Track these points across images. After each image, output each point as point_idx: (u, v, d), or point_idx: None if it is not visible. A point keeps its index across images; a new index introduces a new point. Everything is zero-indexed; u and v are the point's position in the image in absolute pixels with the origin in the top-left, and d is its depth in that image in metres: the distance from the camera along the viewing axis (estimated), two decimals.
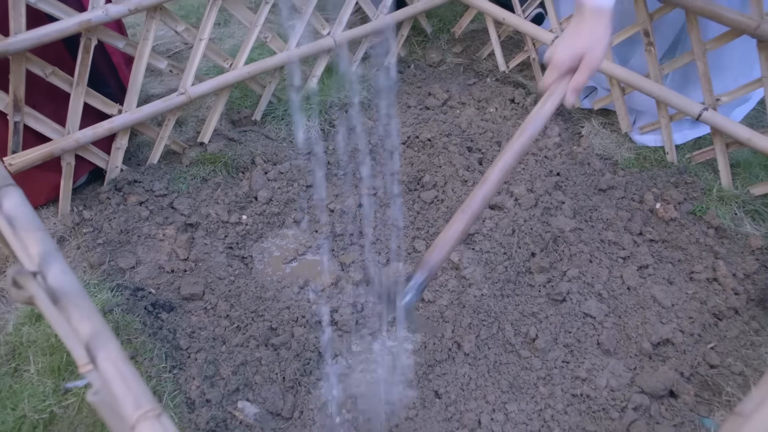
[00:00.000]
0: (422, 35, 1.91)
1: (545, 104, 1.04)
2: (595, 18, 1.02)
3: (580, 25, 1.02)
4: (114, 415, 0.57)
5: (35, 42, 1.08)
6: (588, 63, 1.01)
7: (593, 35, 1.01)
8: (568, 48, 1.02)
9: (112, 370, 0.61)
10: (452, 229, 0.98)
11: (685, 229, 1.37)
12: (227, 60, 1.44)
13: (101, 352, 0.62)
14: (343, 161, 1.52)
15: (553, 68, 1.04)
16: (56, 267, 0.69)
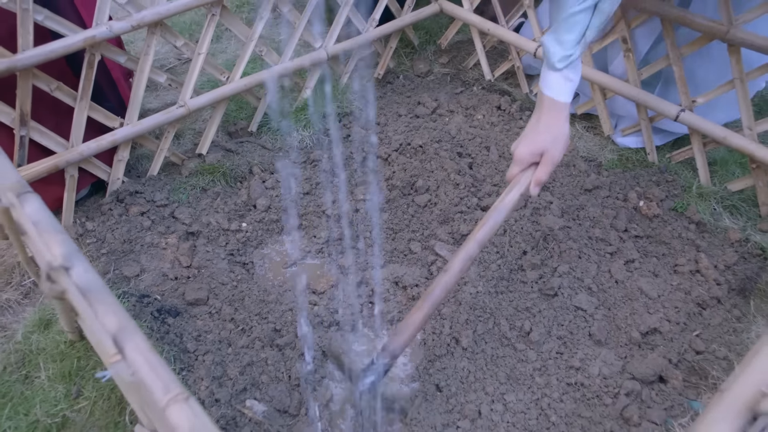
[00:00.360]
0: (410, 47, 1.98)
1: (508, 195, 1.08)
2: (553, 113, 1.06)
3: (540, 120, 1.07)
4: (141, 399, 0.60)
5: (42, 58, 1.12)
6: (549, 159, 1.06)
7: (552, 131, 1.06)
8: (530, 145, 1.07)
9: (140, 359, 0.65)
10: (414, 317, 1.01)
11: (667, 224, 1.43)
12: (224, 73, 1.48)
13: (128, 343, 0.66)
14: (338, 168, 1.57)
15: (515, 163, 1.08)
16: (79, 266, 0.73)
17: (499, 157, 1.62)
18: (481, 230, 1.06)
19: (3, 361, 1.14)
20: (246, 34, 1.46)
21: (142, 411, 0.72)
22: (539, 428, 1.08)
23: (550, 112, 1.06)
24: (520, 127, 1.71)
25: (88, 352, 1.13)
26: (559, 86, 1.05)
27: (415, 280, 1.32)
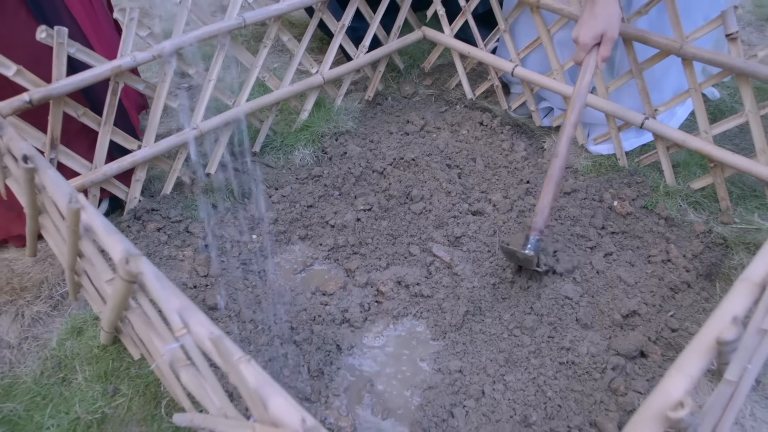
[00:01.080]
0: (396, 71, 2.13)
1: (584, 78, 1.35)
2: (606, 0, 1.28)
3: (594, 7, 1.29)
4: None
5: (74, 87, 1.23)
6: (609, 38, 1.30)
7: (608, 14, 1.29)
8: (591, 29, 1.30)
9: (204, 331, 0.76)
10: (544, 199, 1.32)
11: (639, 221, 1.58)
12: (231, 98, 1.61)
13: (192, 319, 0.77)
14: (338, 182, 1.69)
15: (581, 48, 1.33)
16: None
17: (485, 167, 1.76)
18: (572, 114, 1.35)
19: (40, 366, 1.22)
20: (250, 62, 1.59)
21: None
22: (537, 403, 1.20)
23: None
24: (502, 140, 1.86)
25: (120, 354, 1.23)
26: None
27: (415, 279, 1.44)
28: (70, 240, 0.91)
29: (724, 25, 1.39)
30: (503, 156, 1.81)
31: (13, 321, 1.31)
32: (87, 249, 0.92)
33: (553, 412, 1.19)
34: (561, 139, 1.34)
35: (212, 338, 0.65)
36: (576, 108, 1.35)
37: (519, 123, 1.94)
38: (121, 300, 0.86)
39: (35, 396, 1.16)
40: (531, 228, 1.34)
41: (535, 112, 1.90)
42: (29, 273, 1.42)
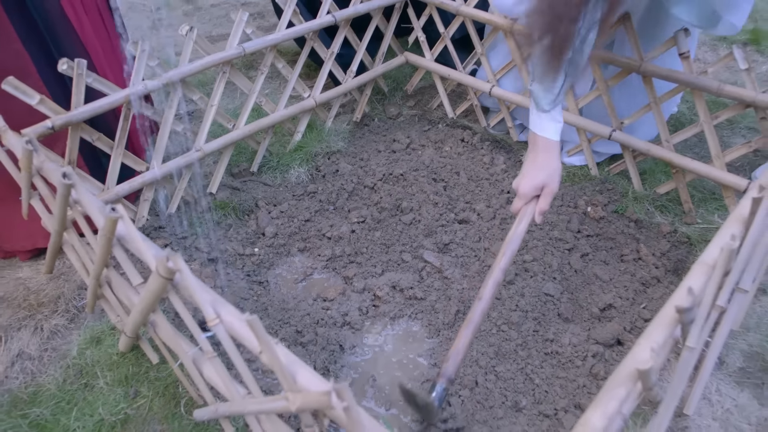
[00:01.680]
0: (381, 94, 2.27)
1: (519, 226, 1.27)
2: (548, 151, 1.27)
3: (536, 159, 1.27)
4: None
5: (91, 113, 1.34)
6: (549, 191, 1.26)
7: (549, 167, 1.26)
8: (531, 181, 1.26)
9: (234, 320, 0.86)
10: (460, 343, 1.16)
11: (612, 224, 1.72)
12: (231, 121, 1.72)
13: (223, 310, 0.87)
14: (333, 197, 1.81)
15: (520, 197, 1.28)
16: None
17: (468, 180, 1.90)
18: (503, 259, 1.24)
19: (62, 374, 1.30)
20: (249, 88, 1.71)
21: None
22: (526, 390, 1.32)
23: (546, 151, 1.27)
24: (483, 155, 2.00)
25: (138, 360, 1.31)
26: (550, 127, 1.27)
27: (409, 283, 1.55)
28: (103, 248, 1.01)
29: (677, 46, 1.56)
30: (484, 169, 1.95)
31: (32, 334, 1.39)
32: (119, 256, 1.01)
33: (541, 397, 1.30)
34: (487, 283, 1.22)
35: (249, 320, 0.75)
36: (507, 254, 1.24)
37: (497, 139, 2.08)
38: (154, 299, 0.96)
39: (60, 401, 1.24)
40: (439, 374, 1.16)
41: (512, 128, 2.05)
42: (44, 290, 1.50)
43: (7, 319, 1.42)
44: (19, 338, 1.38)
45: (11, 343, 1.38)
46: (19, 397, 1.26)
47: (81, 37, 1.39)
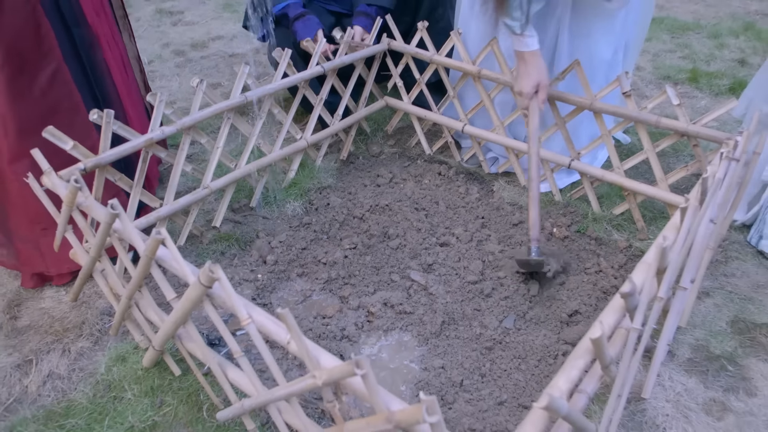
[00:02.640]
0: (364, 134, 2.50)
1: (533, 118, 1.78)
2: (534, 57, 1.71)
3: (527, 65, 1.71)
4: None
5: (116, 156, 1.52)
6: (544, 85, 1.74)
7: (539, 69, 1.72)
8: (529, 80, 1.73)
9: (265, 320, 1.04)
10: (532, 213, 1.72)
11: (575, 242, 1.95)
12: (232, 161, 1.92)
13: (254, 312, 1.05)
14: (326, 228, 2.00)
15: (524, 96, 1.76)
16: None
17: (446, 208, 2.11)
18: (533, 146, 1.76)
19: (92, 389, 1.44)
20: (249, 131, 1.92)
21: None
22: (506, 385, 1.50)
23: (532, 57, 1.69)
24: (458, 186, 2.22)
25: (162, 374, 1.46)
26: (528, 42, 1.68)
27: (399, 300, 1.74)
28: (144, 267, 1.18)
29: (621, 86, 1.82)
30: (461, 198, 2.17)
31: (61, 356, 1.53)
32: (155, 274, 1.19)
33: (519, 392, 1.48)
34: (531, 167, 1.75)
35: (281, 313, 0.93)
36: (534, 142, 1.77)
37: (471, 171, 2.31)
38: (191, 307, 1.13)
39: (92, 413, 1.38)
40: (530, 239, 1.71)
41: (484, 161, 2.28)
42: (68, 317, 1.64)
43: (36, 344, 1.56)
44: (49, 360, 1.52)
45: (41, 365, 1.51)
46: (54, 410, 1.40)
47: (116, 84, 1.60)
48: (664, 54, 3.35)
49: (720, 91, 2.91)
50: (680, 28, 3.70)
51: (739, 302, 1.70)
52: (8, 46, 1.43)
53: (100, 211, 1.26)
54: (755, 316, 1.66)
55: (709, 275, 1.80)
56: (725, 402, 1.43)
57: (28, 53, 1.46)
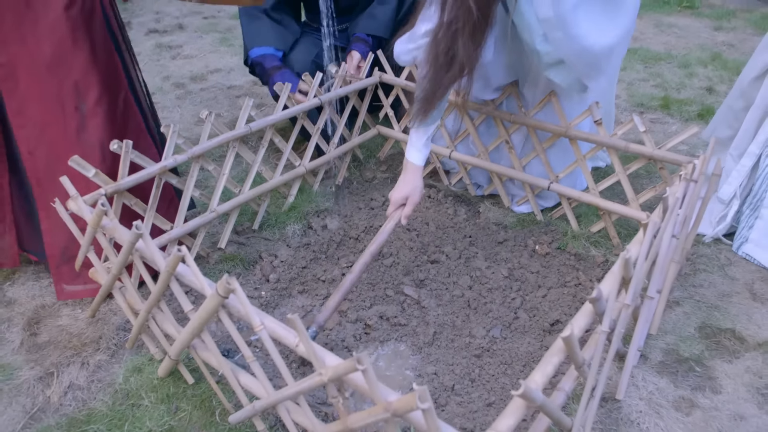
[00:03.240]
0: (358, 161, 2.66)
1: (388, 224, 1.84)
2: (413, 173, 1.86)
3: (405, 178, 1.87)
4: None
5: (134, 182, 1.66)
6: (412, 201, 1.85)
7: (412, 184, 1.85)
8: (399, 192, 1.86)
9: (275, 326, 1.18)
10: (331, 302, 1.69)
11: (556, 258, 2.10)
12: (237, 187, 2.07)
13: (266, 319, 1.18)
14: (324, 248, 2.14)
15: (392, 204, 1.87)
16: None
17: (436, 228, 2.26)
18: (373, 245, 1.79)
19: (111, 398, 1.55)
20: (252, 159, 2.07)
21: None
22: (494, 389, 1.63)
23: (412, 172, 1.87)
24: (447, 208, 2.38)
25: (176, 382, 1.58)
26: (417, 156, 1.88)
27: (393, 313, 1.87)
28: (164, 282, 1.31)
29: (592, 115, 2.00)
30: (449, 219, 2.32)
31: (80, 369, 1.65)
32: (174, 288, 1.32)
33: (507, 395, 1.62)
34: (359, 261, 1.74)
35: (290, 317, 1.07)
36: (376, 243, 1.79)
37: (458, 194, 2.47)
38: (207, 317, 1.26)
39: (112, 419, 1.49)
40: (313, 321, 1.67)
41: (470, 185, 2.44)
42: (85, 333, 1.76)
43: (56, 358, 1.68)
44: (69, 373, 1.64)
45: (62, 377, 1.63)
46: (75, 418, 1.51)
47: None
48: (638, 83, 3.57)
49: (690, 117, 3.11)
50: (653, 58, 3.93)
51: (706, 310, 1.86)
52: (102, 81, 1.67)
53: (124, 232, 1.39)
54: (720, 322, 1.81)
55: (679, 286, 1.95)
56: (693, 399, 1.57)
57: (112, 85, 1.71)
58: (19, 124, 1.65)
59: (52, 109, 1.64)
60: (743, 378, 1.63)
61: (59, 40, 1.58)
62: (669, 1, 5.12)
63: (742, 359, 1.68)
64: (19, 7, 1.52)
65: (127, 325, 1.77)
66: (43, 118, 1.64)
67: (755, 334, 1.77)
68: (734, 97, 2.22)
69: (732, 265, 2.06)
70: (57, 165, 1.68)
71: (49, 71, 1.60)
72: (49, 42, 1.57)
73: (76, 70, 1.63)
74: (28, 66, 1.59)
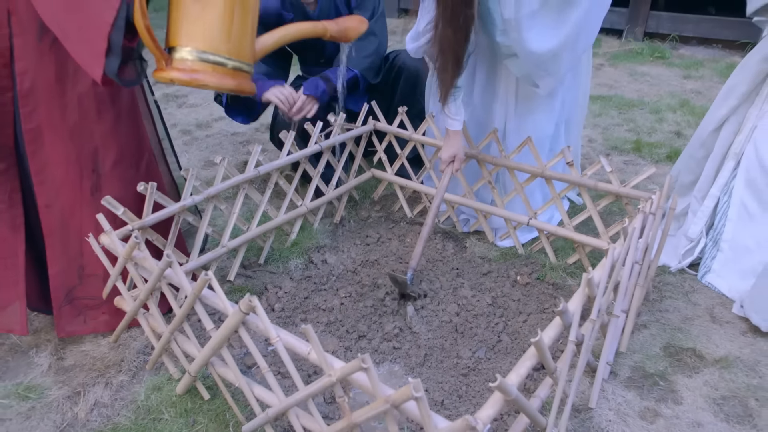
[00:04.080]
0: (354, 201, 2.89)
1: (444, 179, 2.28)
2: (455, 135, 2.22)
3: (449, 140, 2.24)
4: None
5: (156, 220, 1.87)
6: (459, 158, 2.26)
7: (456, 145, 2.24)
8: (447, 151, 2.25)
9: (290, 338, 1.37)
10: (416, 251, 2.19)
11: (535, 288, 2.31)
12: (245, 224, 2.28)
13: (281, 332, 1.38)
14: (324, 280, 2.34)
15: (442, 162, 2.27)
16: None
17: (426, 262, 2.47)
18: (437, 199, 2.26)
19: (134, 414, 1.72)
20: (259, 200, 2.29)
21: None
22: (482, 403, 1.81)
23: (454, 135, 2.23)
24: (436, 243, 2.59)
25: (193, 399, 1.75)
26: (454, 123, 2.22)
27: (388, 338, 2.06)
28: (189, 304, 1.50)
29: (564, 157, 2.24)
30: (438, 254, 2.53)
31: (104, 389, 1.81)
32: (198, 309, 1.51)
33: None
34: (429, 214, 2.22)
35: (304, 328, 1.26)
36: (439, 195, 2.26)
37: (446, 231, 2.69)
38: (228, 333, 1.45)
39: (136, 431, 1.66)
40: (409, 267, 2.17)
41: (457, 222, 2.67)
42: (108, 357, 1.93)
43: (82, 379, 1.84)
44: (94, 392, 1.80)
45: (88, 396, 1.79)
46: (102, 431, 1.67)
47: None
48: (613, 127, 3.85)
49: (659, 158, 3.38)
50: (627, 105, 4.23)
51: (670, 332, 2.06)
52: (122, 147, 1.86)
53: (153, 262, 1.59)
54: (682, 342, 2.01)
55: (646, 311, 2.16)
56: (657, 409, 1.75)
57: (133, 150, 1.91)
58: (39, 180, 1.76)
59: (71, 170, 1.77)
60: (701, 390, 1.82)
61: (85, 111, 1.75)
62: (642, 52, 5.49)
63: (701, 374, 1.88)
64: (50, 81, 1.68)
65: (146, 349, 1.95)
66: (62, 177, 1.78)
67: (713, 351, 1.97)
68: (695, 147, 2.48)
69: (695, 292, 2.28)
70: (70, 219, 1.82)
71: (71, 137, 1.74)
72: (75, 112, 1.73)
73: (98, 137, 1.79)
74: (53, 131, 1.73)
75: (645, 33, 5.83)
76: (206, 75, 1.47)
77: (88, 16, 1.45)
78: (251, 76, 1.61)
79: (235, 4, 1.44)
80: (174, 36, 1.50)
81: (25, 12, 1.56)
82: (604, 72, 5.09)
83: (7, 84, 1.63)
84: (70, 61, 1.62)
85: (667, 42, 5.69)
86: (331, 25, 2.01)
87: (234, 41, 1.47)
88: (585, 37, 2.16)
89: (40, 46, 1.60)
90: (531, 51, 2.05)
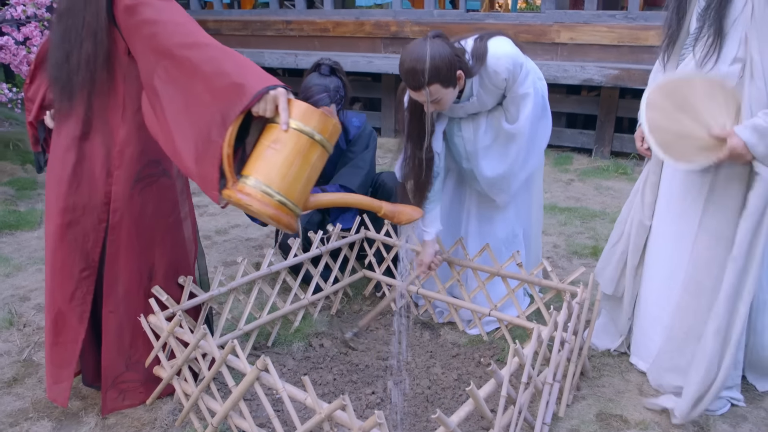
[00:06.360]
0: (348, 296, 3.42)
1: (412, 275, 2.87)
2: (430, 244, 2.73)
3: (425, 247, 2.74)
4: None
5: (191, 305, 2.41)
6: (433, 262, 2.79)
7: (429, 253, 2.76)
8: (423, 257, 2.75)
9: (291, 388, 1.86)
10: (368, 315, 2.47)
11: None
12: (258, 313, 2.80)
13: (286, 384, 1.87)
14: (321, 360, 2.82)
15: (419, 265, 2.77)
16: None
17: (407, 346, 2.96)
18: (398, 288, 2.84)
19: None
20: (270, 293, 2.83)
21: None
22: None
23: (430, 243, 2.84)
24: (415, 331, 3.09)
25: None
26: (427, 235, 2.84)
27: (372, 406, 2.51)
28: (216, 367, 2.00)
29: (515, 259, 2.80)
30: (416, 340, 3.03)
31: None
32: (223, 371, 2.01)
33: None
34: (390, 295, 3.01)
35: (304, 378, 1.76)
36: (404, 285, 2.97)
37: (424, 321, 3.20)
38: (246, 388, 1.93)
39: None
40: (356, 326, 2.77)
41: (433, 314, 3.18)
42: (144, 416, 2.39)
43: None
44: None
45: None
46: None
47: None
48: (576, 235, 4.45)
49: None
50: (590, 215, 4.86)
51: (604, 402, 2.51)
52: (170, 262, 2.34)
53: (189, 335, 2.12)
54: (613, 410, 2.46)
55: (586, 386, 2.62)
56: None
57: (177, 264, 2.37)
58: (109, 292, 2.24)
59: (133, 281, 2.21)
60: None
61: (151, 237, 2.28)
62: (608, 169, 6.22)
63: None
64: (134, 216, 2.21)
65: (175, 411, 2.40)
66: (126, 289, 2.21)
67: (636, 417, 2.41)
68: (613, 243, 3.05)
69: (630, 371, 2.74)
70: (125, 321, 2.31)
71: (138, 258, 2.24)
72: (144, 239, 2.27)
73: (157, 256, 2.31)
74: (127, 254, 2.20)
75: (611, 152, 6.61)
76: (254, 200, 1.73)
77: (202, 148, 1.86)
78: (295, 217, 1.81)
79: (297, 156, 1.73)
80: (247, 167, 1.86)
81: (126, 171, 2.17)
82: (573, 186, 5.78)
83: (104, 217, 2.22)
84: (149, 202, 2.24)
85: (629, 159, 6.45)
86: (387, 206, 2.16)
87: (287, 181, 1.74)
88: (529, 163, 2.80)
89: (132, 192, 2.21)
90: (485, 175, 2.69)
